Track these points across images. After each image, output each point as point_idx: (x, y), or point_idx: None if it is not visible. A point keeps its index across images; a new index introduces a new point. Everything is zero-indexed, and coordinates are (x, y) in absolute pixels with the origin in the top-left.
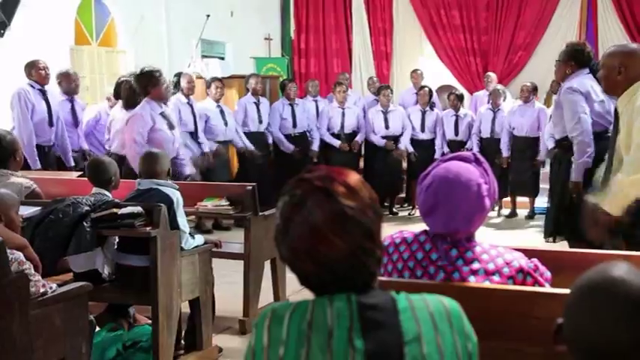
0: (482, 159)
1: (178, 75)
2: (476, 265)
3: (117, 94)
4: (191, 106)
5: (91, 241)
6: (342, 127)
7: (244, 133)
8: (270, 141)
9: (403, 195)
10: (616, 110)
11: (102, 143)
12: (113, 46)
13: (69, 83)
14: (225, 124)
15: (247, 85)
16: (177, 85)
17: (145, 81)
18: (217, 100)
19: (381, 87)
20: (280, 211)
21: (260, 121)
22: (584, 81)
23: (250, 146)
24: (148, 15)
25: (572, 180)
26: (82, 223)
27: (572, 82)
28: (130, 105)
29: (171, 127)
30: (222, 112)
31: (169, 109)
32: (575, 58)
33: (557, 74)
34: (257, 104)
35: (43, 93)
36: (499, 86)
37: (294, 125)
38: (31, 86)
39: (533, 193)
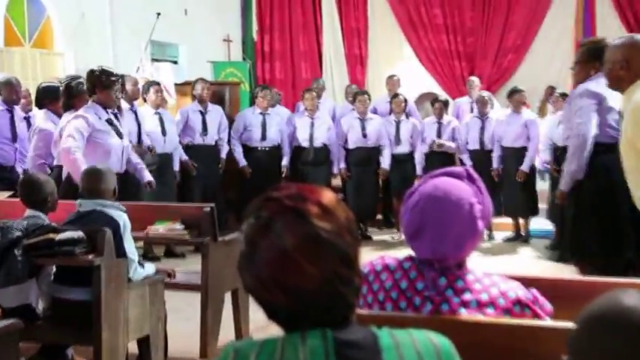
0: (475, 176)
1: (122, 78)
2: (467, 296)
3: (38, 102)
4: (135, 112)
5: (23, 271)
6: (311, 139)
7: (187, 145)
8: (223, 155)
9: (380, 216)
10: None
11: None
12: (49, 48)
13: (10, 92)
14: (164, 133)
15: (193, 92)
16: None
17: (97, 79)
18: (157, 107)
19: (356, 92)
20: (245, 235)
21: (205, 133)
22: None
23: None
24: (89, 13)
25: (559, 189)
26: (12, 251)
27: (590, 84)
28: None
29: (120, 136)
30: (161, 119)
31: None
32: (600, 58)
33: (577, 76)
34: (202, 113)
35: None
36: (485, 93)
37: (264, 138)
38: None
39: (528, 213)
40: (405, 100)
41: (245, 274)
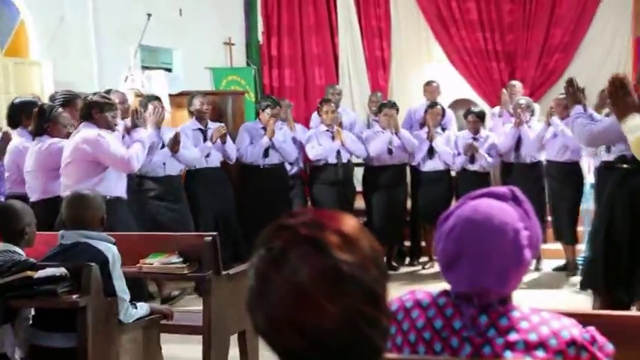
0: (522, 197)
1: (107, 92)
2: (513, 336)
3: (12, 120)
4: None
5: None
6: (338, 155)
7: (189, 170)
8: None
9: (408, 243)
10: None
11: None
12: (24, 57)
13: None
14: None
15: (190, 108)
16: None
17: (95, 103)
18: None
19: (383, 104)
20: (255, 269)
21: (207, 154)
22: None
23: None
24: (69, 16)
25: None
26: None
27: None
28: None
29: None
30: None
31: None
32: None
33: None
34: (203, 131)
35: None
36: (522, 99)
37: (266, 154)
38: None
39: (572, 238)
40: (444, 111)
41: (255, 313)
